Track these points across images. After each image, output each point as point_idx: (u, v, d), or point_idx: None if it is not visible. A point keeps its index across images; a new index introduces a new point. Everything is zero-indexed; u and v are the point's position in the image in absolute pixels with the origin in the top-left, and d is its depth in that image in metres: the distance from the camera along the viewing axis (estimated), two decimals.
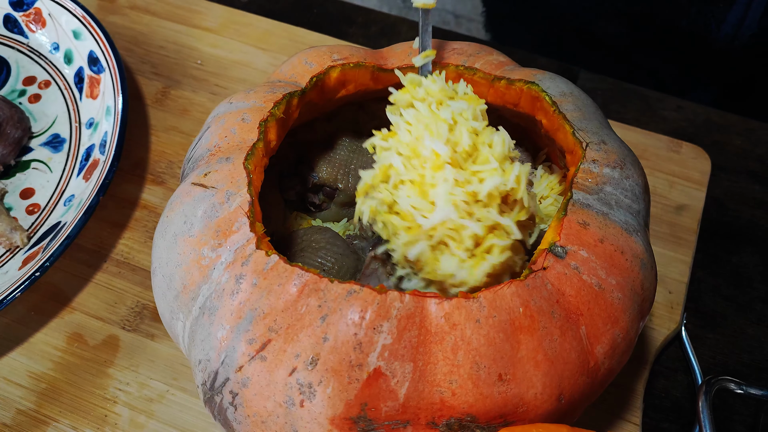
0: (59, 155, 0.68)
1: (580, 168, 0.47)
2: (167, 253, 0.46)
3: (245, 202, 0.44)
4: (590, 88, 0.77)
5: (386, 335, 0.39)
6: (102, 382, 0.57)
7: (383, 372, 0.39)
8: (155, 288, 0.48)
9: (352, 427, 0.40)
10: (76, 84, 0.72)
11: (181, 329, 0.46)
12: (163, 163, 0.70)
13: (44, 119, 0.71)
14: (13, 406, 0.56)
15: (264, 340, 0.40)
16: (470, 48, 0.56)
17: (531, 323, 0.41)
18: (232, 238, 0.43)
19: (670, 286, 0.63)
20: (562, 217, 0.44)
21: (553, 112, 0.50)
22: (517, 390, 0.40)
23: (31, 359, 0.58)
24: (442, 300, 0.40)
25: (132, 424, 0.55)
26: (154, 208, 0.67)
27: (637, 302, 0.45)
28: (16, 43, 0.76)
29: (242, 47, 0.79)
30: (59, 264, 0.63)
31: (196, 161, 0.49)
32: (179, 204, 0.46)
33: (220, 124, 0.50)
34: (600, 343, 0.43)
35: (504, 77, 0.53)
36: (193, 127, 0.73)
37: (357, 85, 0.55)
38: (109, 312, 0.61)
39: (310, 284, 0.40)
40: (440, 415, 0.40)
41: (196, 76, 0.76)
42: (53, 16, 0.74)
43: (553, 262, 0.43)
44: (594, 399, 0.46)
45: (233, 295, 0.42)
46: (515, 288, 0.41)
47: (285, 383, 0.40)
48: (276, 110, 0.50)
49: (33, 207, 0.65)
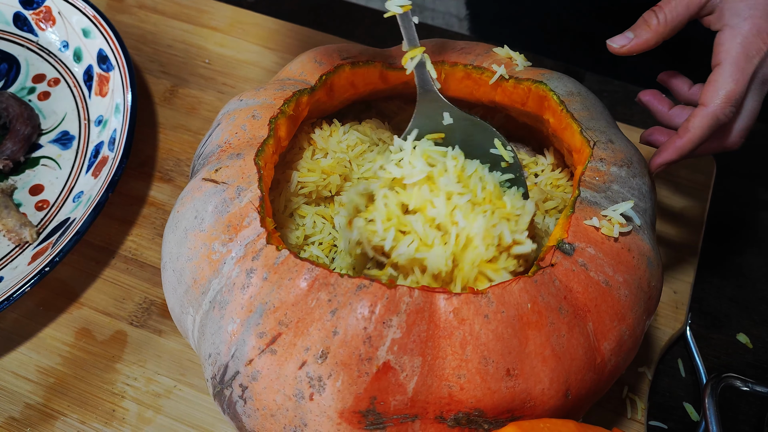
0: (68, 152, 0.69)
1: (588, 166, 0.48)
2: (178, 248, 0.46)
3: (256, 197, 0.45)
4: (596, 90, 0.77)
5: (395, 329, 0.40)
6: (110, 377, 0.57)
7: (392, 366, 0.39)
8: (165, 283, 0.48)
9: (361, 420, 0.40)
10: (85, 82, 0.73)
11: (191, 323, 0.46)
12: (171, 161, 0.71)
13: (53, 116, 0.71)
14: (22, 400, 0.56)
15: (274, 334, 0.40)
16: (478, 47, 0.56)
17: (539, 319, 0.41)
18: (242, 233, 0.44)
19: (675, 286, 0.63)
20: (569, 215, 0.45)
21: (561, 111, 0.51)
22: (524, 385, 0.41)
23: (39, 354, 0.59)
24: (450, 295, 0.40)
25: (139, 418, 0.55)
26: (161, 205, 0.68)
27: (643, 299, 0.45)
28: (26, 41, 0.76)
29: (249, 47, 0.79)
30: (68, 260, 0.63)
31: (207, 157, 0.50)
32: (190, 199, 0.47)
33: (230, 120, 0.50)
34: (607, 340, 0.43)
35: (512, 76, 0.53)
36: (200, 125, 0.73)
37: (366, 83, 0.56)
38: (117, 308, 0.61)
39: (321, 279, 0.41)
40: (448, 410, 0.40)
41: (203, 75, 0.77)
42: (63, 14, 0.75)
43: (560, 258, 0.43)
44: (600, 396, 0.47)
45: (244, 289, 0.42)
46: (523, 284, 0.41)
47: (295, 376, 0.40)
48: (286, 107, 0.50)
49: (42, 203, 0.66)
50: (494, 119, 0.61)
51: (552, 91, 0.51)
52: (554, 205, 0.53)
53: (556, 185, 0.55)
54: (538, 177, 0.55)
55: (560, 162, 0.56)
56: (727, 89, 0.48)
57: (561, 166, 0.56)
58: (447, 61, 0.55)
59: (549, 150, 0.57)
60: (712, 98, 0.48)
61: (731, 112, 0.48)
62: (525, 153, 0.59)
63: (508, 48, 0.55)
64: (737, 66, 0.48)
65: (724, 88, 0.48)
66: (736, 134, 0.51)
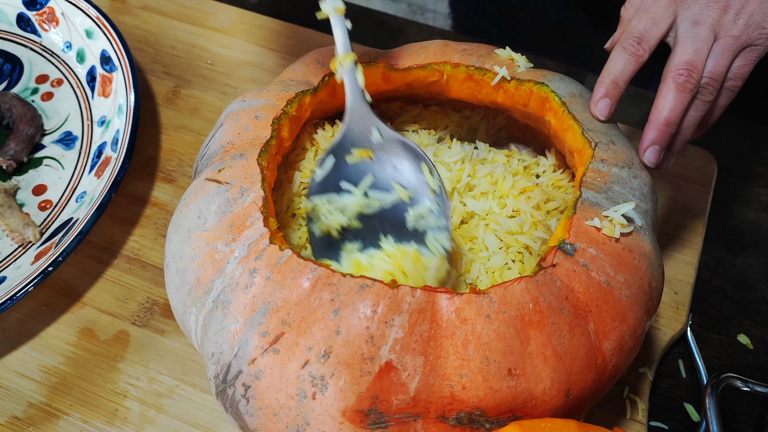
0: (71, 152, 0.69)
1: (589, 167, 0.48)
2: (181, 248, 0.46)
3: (259, 197, 0.45)
4: None
5: (398, 329, 0.40)
6: (112, 376, 0.58)
7: (395, 365, 0.40)
8: (168, 282, 0.48)
9: (363, 419, 0.40)
10: (88, 82, 0.73)
11: (194, 323, 0.46)
12: (174, 161, 0.71)
13: (56, 117, 0.72)
14: (25, 399, 0.56)
15: (277, 333, 0.41)
16: (480, 49, 0.56)
17: (540, 319, 0.41)
18: (245, 232, 0.44)
19: (676, 287, 0.63)
20: (571, 215, 0.45)
21: (562, 112, 0.51)
22: (526, 385, 0.41)
23: (42, 353, 0.59)
24: (453, 295, 0.41)
25: (142, 418, 0.55)
26: (164, 206, 0.68)
27: (644, 300, 0.45)
28: (29, 42, 0.77)
29: (252, 48, 0.80)
30: (70, 260, 0.64)
31: (210, 158, 0.50)
32: (193, 199, 0.47)
33: (233, 121, 0.50)
34: (608, 340, 0.44)
35: (513, 78, 0.53)
36: (203, 126, 0.73)
37: (368, 84, 0.56)
38: (120, 308, 0.61)
39: (323, 278, 0.41)
40: (450, 409, 0.41)
41: (206, 76, 0.77)
42: (66, 15, 0.75)
43: (562, 259, 0.43)
44: (601, 396, 0.47)
45: (247, 288, 0.42)
46: (525, 284, 0.42)
47: (297, 376, 0.40)
48: (289, 108, 0.50)
49: (45, 203, 0.66)
50: (496, 120, 0.62)
51: (553, 93, 0.52)
52: (555, 206, 0.53)
53: (558, 186, 0.55)
54: (540, 178, 0.55)
55: (562, 163, 0.56)
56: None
57: (562, 167, 0.56)
58: (449, 62, 0.55)
59: (550, 151, 0.57)
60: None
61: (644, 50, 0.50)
62: (527, 154, 0.59)
63: (510, 49, 0.56)
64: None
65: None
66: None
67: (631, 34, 0.51)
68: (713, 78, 0.50)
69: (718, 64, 0.50)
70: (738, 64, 0.51)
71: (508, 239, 0.50)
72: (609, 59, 0.51)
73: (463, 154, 0.55)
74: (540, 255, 0.49)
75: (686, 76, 0.49)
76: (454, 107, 0.62)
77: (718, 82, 0.51)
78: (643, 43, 0.50)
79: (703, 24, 0.50)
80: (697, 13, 0.50)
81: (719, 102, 0.53)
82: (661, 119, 0.50)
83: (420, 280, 0.47)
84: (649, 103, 0.77)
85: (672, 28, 0.51)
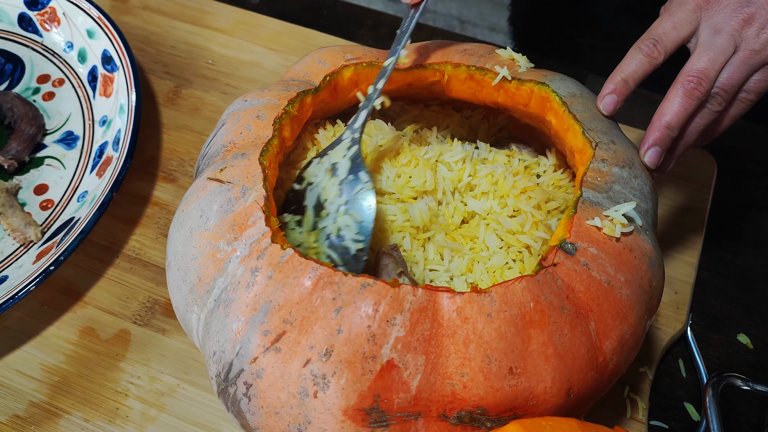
0: (72, 152, 0.69)
1: (590, 167, 0.48)
2: (183, 247, 0.46)
3: (261, 196, 0.45)
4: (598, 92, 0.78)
5: (399, 328, 0.40)
6: (113, 375, 0.58)
7: (396, 364, 0.40)
8: (170, 281, 0.48)
9: (364, 418, 0.40)
10: (89, 82, 0.73)
11: (196, 322, 0.47)
12: (175, 161, 0.71)
13: (58, 117, 0.72)
14: (26, 398, 0.56)
15: (279, 332, 0.41)
16: (481, 49, 0.56)
17: (541, 318, 0.41)
18: (247, 232, 0.44)
19: (676, 286, 0.64)
20: (572, 215, 0.45)
21: (563, 112, 0.51)
22: (527, 384, 0.41)
23: (44, 352, 0.59)
24: (454, 294, 0.41)
25: (143, 417, 0.56)
26: (165, 205, 0.68)
27: (645, 299, 0.46)
28: (31, 42, 0.77)
29: (253, 48, 0.80)
30: (72, 259, 0.64)
31: (212, 157, 0.50)
32: (195, 198, 0.47)
33: (235, 120, 0.50)
34: (609, 339, 0.44)
35: (514, 78, 0.54)
36: (204, 126, 0.74)
37: (369, 84, 0.56)
38: (121, 307, 0.61)
39: (325, 277, 0.41)
40: (451, 408, 0.41)
41: (207, 76, 0.77)
42: (68, 15, 0.75)
43: (563, 258, 0.43)
44: (602, 395, 0.47)
45: (248, 287, 0.42)
46: (526, 283, 0.42)
47: (299, 374, 0.40)
48: (290, 108, 0.51)
49: (47, 203, 0.66)
50: (497, 120, 0.62)
51: (554, 93, 0.52)
52: (556, 206, 0.53)
53: (558, 186, 0.55)
54: (541, 178, 0.56)
55: (562, 163, 0.56)
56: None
57: (563, 166, 0.56)
58: (450, 62, 0.55)
59: (551, 151, 0.57)
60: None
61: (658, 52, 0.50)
62: (527, 154, 0.59)
63: (511, 50, 0.56)
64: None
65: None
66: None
67: (650, 36, 0.51)
68: (724, 89, 0.50)
69: (732, 77, 0.50)
70: (756, 78, 0.51)
71: (508, 239, 0.50)
72: (624, 57, 0.51)
73: (463, 154, 0.55)
74: (541, 254, 0.49)
75: (696, 83, 0.49)
76: (455, 107, 0.62)
77: (728, 94, 0.51)
78: (659, 45, 0.50)
79: (723, 33, 0.50)
80: (720, 21, 0.50)
81: (730, 112, 0.53)
82: (663, 122, 0.50)
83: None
84: (652, 105, 0.78)
85: (694, 34, 0.51)
